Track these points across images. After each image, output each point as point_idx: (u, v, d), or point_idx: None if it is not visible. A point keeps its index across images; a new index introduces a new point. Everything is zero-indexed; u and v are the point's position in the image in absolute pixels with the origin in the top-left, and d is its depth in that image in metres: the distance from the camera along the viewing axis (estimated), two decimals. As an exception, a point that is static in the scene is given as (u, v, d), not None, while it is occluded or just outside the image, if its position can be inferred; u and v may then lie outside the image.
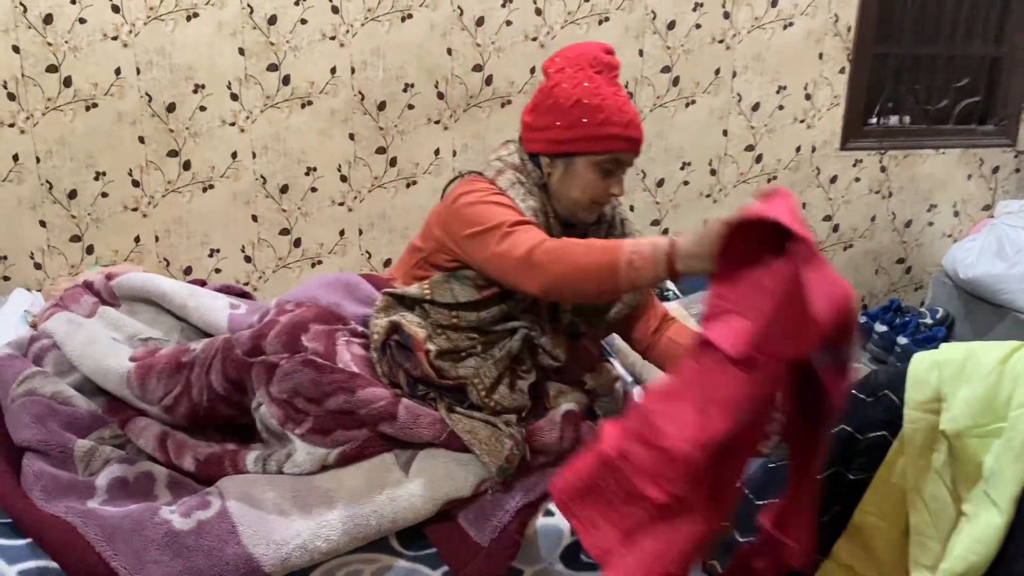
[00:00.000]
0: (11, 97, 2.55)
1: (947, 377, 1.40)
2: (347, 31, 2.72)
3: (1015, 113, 3.34)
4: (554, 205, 1.63)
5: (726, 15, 2.99)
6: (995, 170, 3.38)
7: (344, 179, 2.86)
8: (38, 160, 2.62)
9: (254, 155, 2.77)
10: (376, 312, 1.62)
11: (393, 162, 2.88)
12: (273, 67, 2.70)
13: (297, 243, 2.88)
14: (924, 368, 1.42)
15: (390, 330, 1.57)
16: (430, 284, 1.61)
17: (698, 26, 2.98)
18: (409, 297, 1.62)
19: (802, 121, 3.17)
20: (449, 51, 2.81)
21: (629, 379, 1.92)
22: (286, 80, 2.72)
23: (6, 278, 2.71)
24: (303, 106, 2.76)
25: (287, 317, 1.58)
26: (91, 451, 1.47)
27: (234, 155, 2.75)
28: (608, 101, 1.56)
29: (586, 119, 1.55)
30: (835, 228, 3.32)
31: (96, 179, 2.67)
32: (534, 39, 2.85)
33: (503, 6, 2.80)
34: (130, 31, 2.57)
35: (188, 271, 2.83)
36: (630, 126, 1.58)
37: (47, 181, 2.64)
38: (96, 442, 1.50)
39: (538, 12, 2.84)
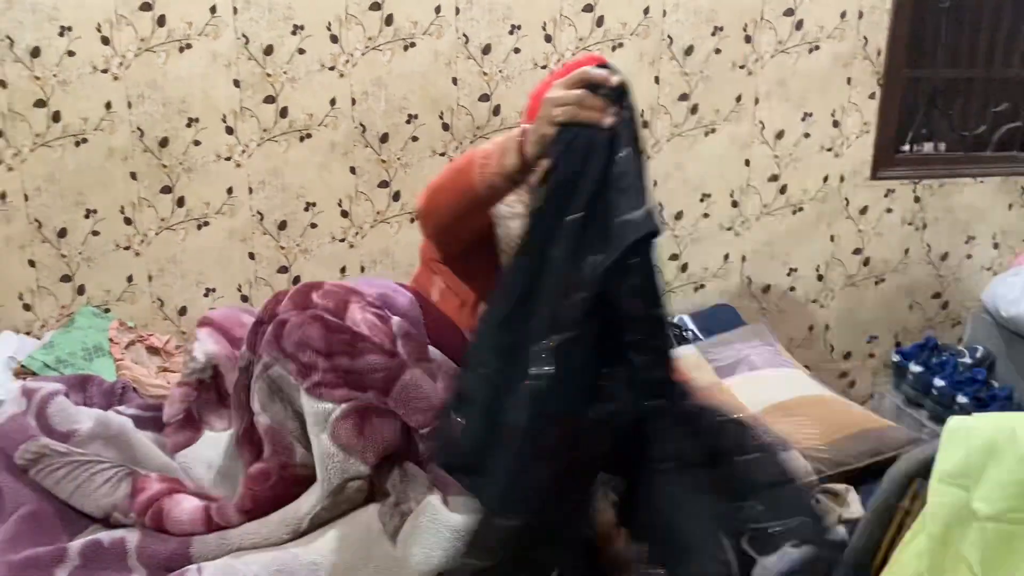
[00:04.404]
0: (-2, 133, 2.46)
1: (976, 448, 1.22)
2: (347, 61, 2.60)
3: (1058, 138, 3.14)
4: None
5: (748, 39, 2.84)
6: (1037, 199, 3.19)
7: (345, 214, 2.73)
8: (26, 198, 2.52)
9: (251, 190, 2.65)
10: None
11: (396, 196, 2.75)
12: (270, 99, 2.59)
13: (296, 281, 2.75)
14: (955, 434, 1.26)
15: None
16: None
17: (718, 51, 2.83)
18: None
19: (829, 149, 2.99)
20: (454, 80, 2.68)
21: None
22: (283, 112, 2.60)
23: (-7, 320, 2.60)
24: (301, 139, 2.64)
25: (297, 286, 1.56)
26: None
27: (230, 191, 2.64)
28: None
29: None
30: (866, 261, 3.13)
31: (87, 217, 2.57)
32: (543, 67, 2.72)
33: (511, 33, 2.67)
34: (120, 63, 2.47)
35: (183, 311, 2.71)
36: None
37: (36, 220, 2.54)
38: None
39: (548, 39, 2.70)
